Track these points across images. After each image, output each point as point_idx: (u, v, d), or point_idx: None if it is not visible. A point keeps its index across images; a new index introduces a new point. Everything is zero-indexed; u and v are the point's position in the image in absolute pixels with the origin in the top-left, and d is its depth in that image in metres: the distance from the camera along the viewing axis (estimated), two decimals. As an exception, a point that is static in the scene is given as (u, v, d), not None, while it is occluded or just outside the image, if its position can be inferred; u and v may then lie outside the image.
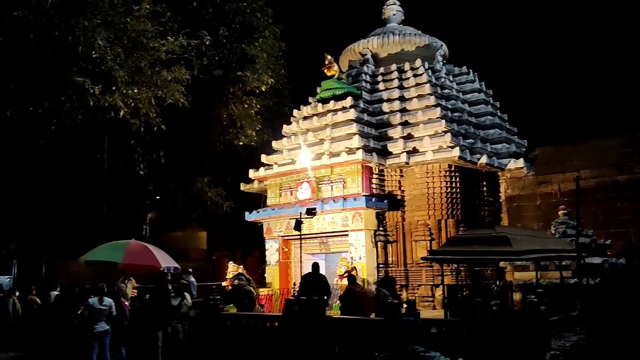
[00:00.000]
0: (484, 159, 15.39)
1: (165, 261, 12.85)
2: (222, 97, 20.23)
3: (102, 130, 17.92)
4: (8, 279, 19.70)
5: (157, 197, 20.26)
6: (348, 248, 15.48)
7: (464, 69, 18.78)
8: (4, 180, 17.27)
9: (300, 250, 14.48)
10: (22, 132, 16.39)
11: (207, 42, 17.49)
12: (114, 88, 15.58)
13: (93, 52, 15.05)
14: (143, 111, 16.30)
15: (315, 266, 11.39)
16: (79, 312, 10.32)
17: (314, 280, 11.00)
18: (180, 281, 11.45)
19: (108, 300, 10.28)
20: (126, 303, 11.31)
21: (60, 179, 18.41)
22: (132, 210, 19.70)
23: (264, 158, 17.67)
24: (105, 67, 15.31)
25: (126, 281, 13.85)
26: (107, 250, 12.18)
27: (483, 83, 18.56)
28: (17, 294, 14.00)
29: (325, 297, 10.81)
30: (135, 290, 13.71)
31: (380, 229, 15.67)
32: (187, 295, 10.88)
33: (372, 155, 15.37)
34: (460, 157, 14.68)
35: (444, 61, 18.87)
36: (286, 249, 17.10)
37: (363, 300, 10.11)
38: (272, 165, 17.25)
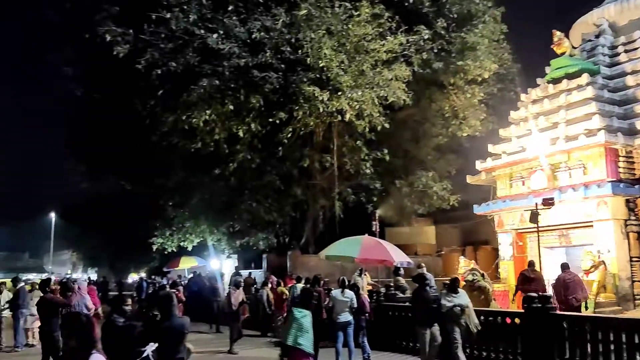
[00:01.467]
0: None
1: (398, 256, 13.15)
2: (443, 89, 19.92)
3: (330, 133, 19.09)
4: (260, 272, 22.30)
5: (383, 194, 20.80)
6: (593, 240, 13.97)
7: None
8: (256, 186, 19.48)
9: (538, 243, 13.48)
10: (265, 141, 18.35)
11: (426, 37, 17.39)
12: (339, 93, 16.45)
13: (320, 61, 16.10)
14: (367, 112, 16.87)
15: (565, 266, 10.72)
16: (324, 304, 11.10)
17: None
18: (418, 273, 11.33)
19: (349, 293, 10.84)
20: (365, 296, 11.80)
21: (297, 182, 20.16)
22: (361, 208, 20.59)
23: (491, 148, 16.93)
24: (331, 74, 16.26)
25: (362, 275, 14.49)
26: (345, 245, 12.93)
27: None
28: (270, 286, 15.69)
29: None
30: (371, 285, 14.27)
31: (632, 218, 13.82)
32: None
33: (616, 135, 13.68)
34: None
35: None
36: (521, 243, 16.14)
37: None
38: (500, 154, 16.44)
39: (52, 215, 54.16)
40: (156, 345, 3.15)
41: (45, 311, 9.38)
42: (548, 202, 12.88)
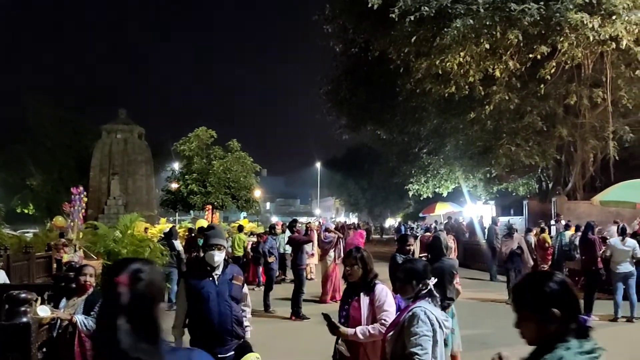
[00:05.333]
0: None
1: (695, 201, 11.23)
2: None
3: (601, 65, 16.88)
4: (520, 219, 21.36)
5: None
6: None
7: None
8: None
9: None
10: (524, 80, 17.15)
11: None
12: (614, 17, 14.32)
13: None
14: (651, 34, 14.43)
15: None
16: (600, 252, 10.16)
17: None
18: None
19: (631, 242, 9.76)
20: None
21: (563, 122, 18.47)
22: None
23: None
24: (606, -2, 14.20)
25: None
26: (626, 189, 11.56)
27: None
28: (534, 231, 14.91)
29: None
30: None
31: None
32: None
33: None
34: None
35: None
36: None
37: None
38: None
39: (318, 165, 59.95)
40: (435, 280, 3.26)
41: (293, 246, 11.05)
42: None
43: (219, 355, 3.95)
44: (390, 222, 55.26)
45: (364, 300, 3.83)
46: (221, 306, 4.00)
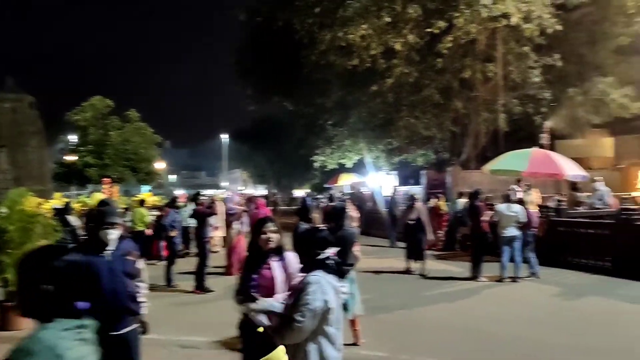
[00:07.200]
0: None
1: (571, 169, 12.29)
2: (630, -19, 17.29)
3: (493, 41, 17.80)
4: (419, 188, 22.31)
5: (554, 104, 19.16)
6: None
7: None
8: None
9: None
10: (423, 54, 17.75)
11: None
12: (499, -5, 15.14)
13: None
14: (536, 14, 15.39)
15: None
16: (489, 218, 10.88)
17: None
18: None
19: (517, 207, 10.51)
20: (534, 211, 11.32)
21: (458, 95, 19.36)
22: (528, 120, 19.31)
23: (688, 45, 14.59)
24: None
25: (529, 190, 13.83)
26: (512, 158, 12.37)
27: None
28: (428, 202, 15.70)
29: None
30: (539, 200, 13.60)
31: None
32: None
33: None
34: None
35: None
36: None
37: None
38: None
39: (224, 137, 58.95)
40: (337, 249, 3.37)
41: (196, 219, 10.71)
42: None
43: (113, 333, 3.84)
44: (299, 193, 55.72)
45: (277, 266, 3.83)
46: (114, 283, 3.88)
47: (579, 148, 21.15)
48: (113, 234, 3.96)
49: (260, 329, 3.53)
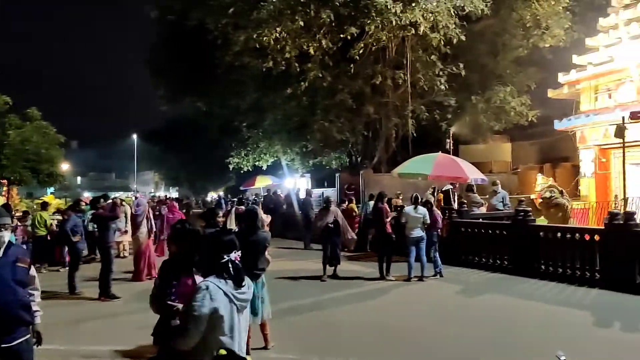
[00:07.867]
0: None
1: (472, 173, 13.00)
2: (525, -3, 18.59)
3: (403, 48, 18.48)
4: (333, 191, 22.73)
5: (458, 111, 20.20)
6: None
7: None
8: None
9: (624, 160, 12.81)
10: (336, 59, 18.08)
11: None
12: (413, 4, 15.77)
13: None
14: (442, 24, 16.16)
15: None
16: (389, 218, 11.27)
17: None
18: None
19: (422, 209, 10.95)
20: (438, 212, 11.85)
21: (370, 100, 19.91)
22: (434, 126, 20.20)
23: (575, 59, 15.89)
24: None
25: (435, 193, 14.48)
26: (418, 163, 12.90)
27: None
28: (344, 205, 16.03)
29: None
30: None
31: None
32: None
33: None
34: None
35: None
36: (604, 159, 15.42)
37: None
38: (585, 66, 15.44)
39: (135, 137, 56.80)
40: (239, 252, 3.32)
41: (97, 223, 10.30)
42: (637, 116, 12.13)
43: (3, 345, 3.63)
44: (213, 195, 54.78)
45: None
46: (3, 291, 3.66)
47: (480, 153, 22.43)
48: (4, 237, 3.74)
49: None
